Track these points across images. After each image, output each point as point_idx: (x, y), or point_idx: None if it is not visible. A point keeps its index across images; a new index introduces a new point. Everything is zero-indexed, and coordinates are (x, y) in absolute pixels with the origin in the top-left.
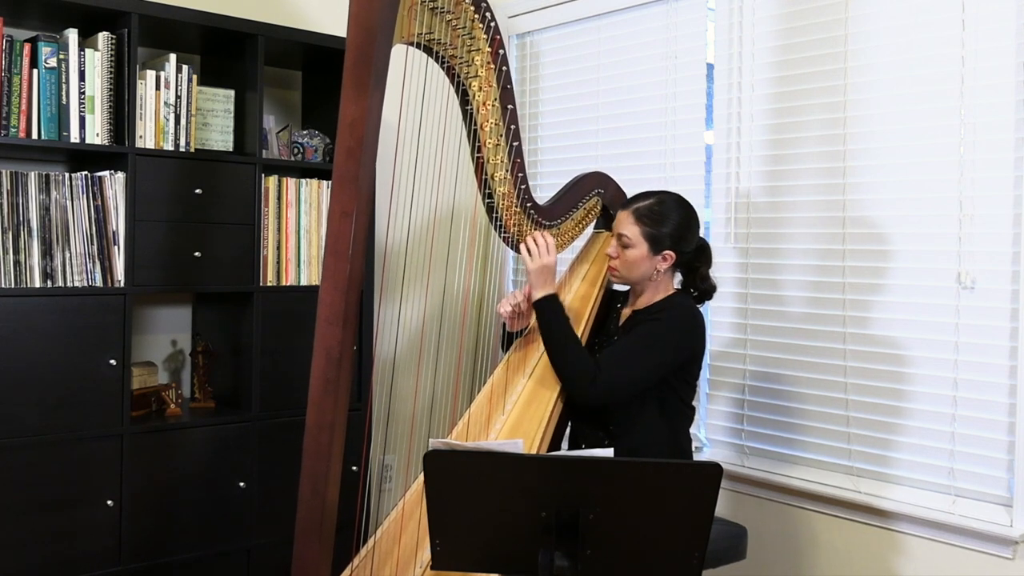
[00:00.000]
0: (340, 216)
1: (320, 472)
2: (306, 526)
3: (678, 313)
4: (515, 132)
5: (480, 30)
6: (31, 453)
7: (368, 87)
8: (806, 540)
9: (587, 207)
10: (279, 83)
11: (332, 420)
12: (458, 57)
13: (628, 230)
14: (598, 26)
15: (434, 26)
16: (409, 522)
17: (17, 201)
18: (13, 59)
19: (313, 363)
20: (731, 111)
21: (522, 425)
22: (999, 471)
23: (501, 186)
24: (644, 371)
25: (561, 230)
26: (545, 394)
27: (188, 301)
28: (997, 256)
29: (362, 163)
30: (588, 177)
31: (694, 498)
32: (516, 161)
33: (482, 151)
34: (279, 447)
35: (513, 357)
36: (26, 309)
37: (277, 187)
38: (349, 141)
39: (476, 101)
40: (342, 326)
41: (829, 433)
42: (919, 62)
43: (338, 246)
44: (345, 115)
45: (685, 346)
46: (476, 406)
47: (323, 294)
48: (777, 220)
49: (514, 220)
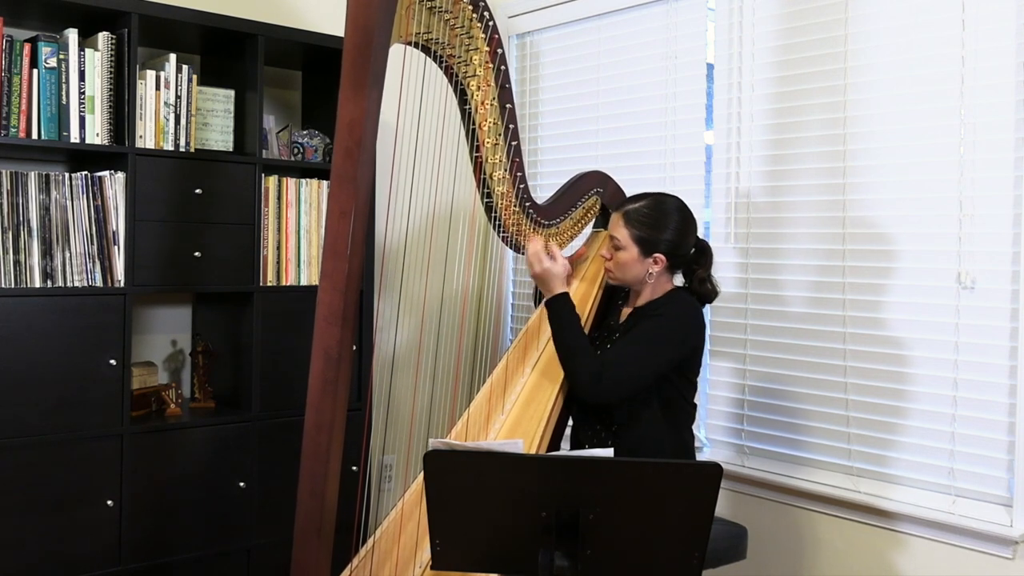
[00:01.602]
0: (339, 216)
1: (319, 473)
2: (305, 527)
3: (677, 309)
4: (514, 131)
5: (478, 29)
6: (31, 453)
7: (366, 87)
8: (806, 540)
9: (586, 206)
10: (279, 83)
11: (331, 420)
12: (456, 56)
13: (619, 232)
14: (598, 26)
15: (432, 25)
16: (408, 522)
17: (17, 201)
18: (13, 59)
19: (312, 363)
20: (731, 111)
21: (521, 424)
22: (999, 471)
23: (500, 185)
24: (647, 368)
25: (560, 229)
26: (544, 393)
27: (188, 301)
28: (997, 256)
29: (360, 163)
30: (587, 176)
31: (694, 498)
32: (515, 160)
33: (480, 150)
34: (279, 447)
35: (512, 356)
36: (26, 309)
37: (277, 187)
38: (347, 141)
39: (474, 100)
40: (341, 326)
41: (829, 433)
42: (919, 62)
43: (336, 246)
44: (343, 115)
45: (685, 341)
46: (475, 405)
47: (322, 294)
48: (777, 220)
49: (513, 219)
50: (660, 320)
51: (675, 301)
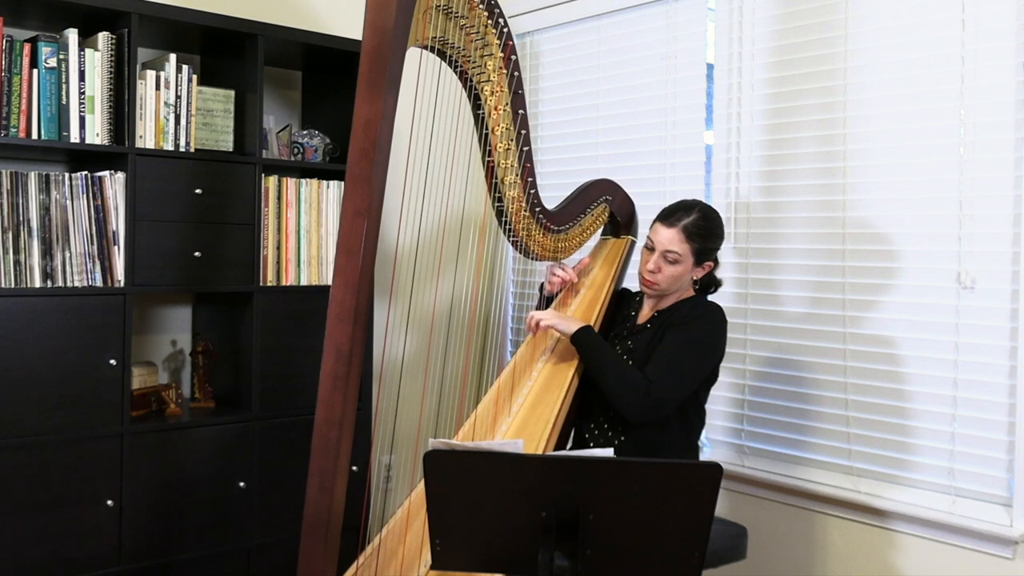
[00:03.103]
0: (353, 215)
1: (328, 469)
2: (313, 523)
3: (714, 317)
4: (525, 137)
5: (493, 35)
6: (31, 453)
7: (383, 89)
8: (806, 540)
9: (595, 214)
10: (279, 83)
11: (341, 416)
12: (471, 61)
13: (678, 247)
14: (598, 26)
15: (448, 30)
16: (414, 521)
17: (17, 201)
18: (13, 59)
19: (323, 359)
20: (731, 111)
21: (528, 426)
22: (999, 471)
23: (511, 190)
24: (693, 377)
25: (568, 235)
26: (552, 395)
27: (188, 301)
28: (997, 256)
29: (376, 163)
30: (596, 184)
31: (694, 498)
32: (526, 166)
33: (492, 155)
34: (279, 447)
35: (520, 360)
36: (26, 309)
37: (277, 187)
38: (363, 142)
39: (488, 105)
40: (352, 323)
41: (829, 433)
42: (919, 62)
43: (350, 244)
44: (359, 116)
45: (722, 346)
46: (483, 407)
47: (334, 291)
48: (777, 220)
49: (523, 224)
50: (699, 327)
51: (706, 306)
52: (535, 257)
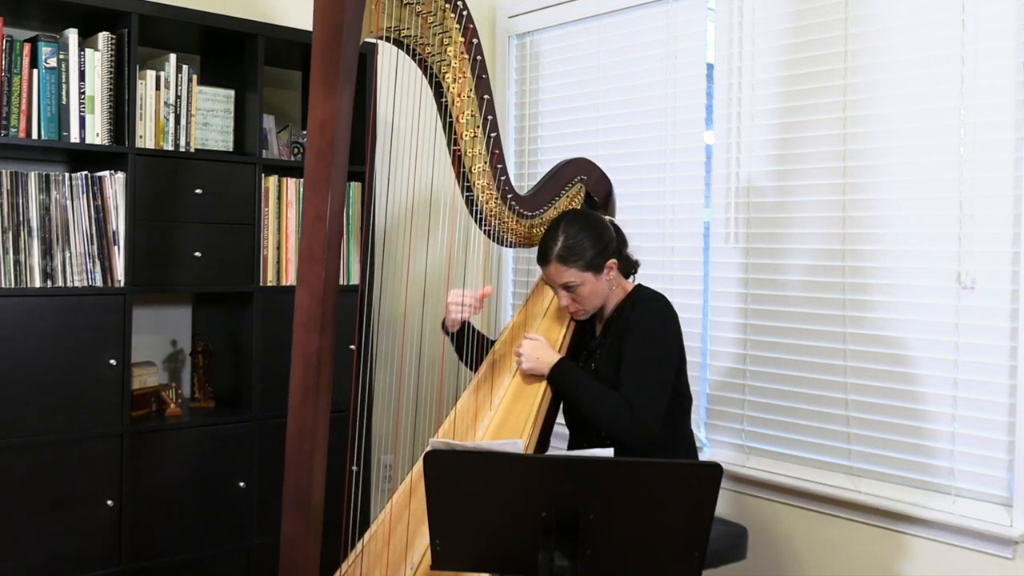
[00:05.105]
0: (313, 219)
1: (303, 482)
2: (291, 535)
3: (655, 308)
4: (492, 123)
5: (452, 19)
6: (31, 453)
7: (337, 85)
8: (806, 540)
9: (570, 195)
10: (279, 83)
11: (313, 427)
12: (430, 48)
13: (568, 277)
14: (598, 26)
15: (403, 18)
16: (398, 524)
17: (17, 201)
18: (13, 59)
19: (292, 370)
20: (731, 111)
21: (509, 421)
22: (999, 471)
23: (480, 179)
24: (664, 381)
25: (544, 219)
26: (532, 389)
27: (188, 301)
28: (997, 256)
29: (334, 165)
30: (570, 164)
31: (694, 498)
32: (495, 152)
33: (459, 143)
34: (279, 447)
35: (498, 354)
36: (26, 309)
37: (277, 187)
38: (319, 143)
39: (451, 93)
40: (319, 332)
41: (829, 433)
42: (919, 62)
43: (312, 250)
44: (314, 116)
45: (677, 333)
46: (462, 404)
47: (299, 300)
48: (777, 220)
49: (494, 212)
50: (647, 328)
51: (643, 301)
52: (510, 245)
